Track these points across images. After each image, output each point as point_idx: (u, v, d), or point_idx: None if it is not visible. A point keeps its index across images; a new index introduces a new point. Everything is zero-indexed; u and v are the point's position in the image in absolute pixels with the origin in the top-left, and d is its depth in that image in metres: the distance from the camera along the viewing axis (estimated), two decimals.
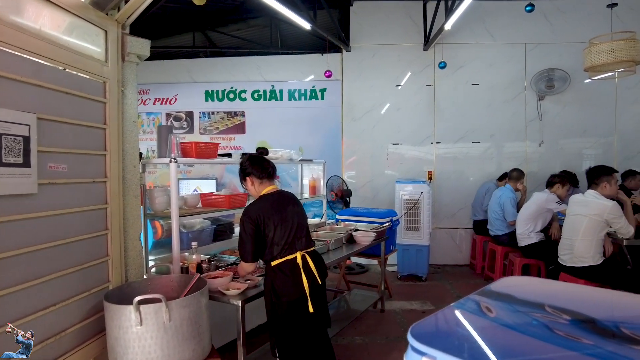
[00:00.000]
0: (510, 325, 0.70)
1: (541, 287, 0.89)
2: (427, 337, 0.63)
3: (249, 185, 2.46)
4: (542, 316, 0.72)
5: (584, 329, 0.67)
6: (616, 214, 3.46)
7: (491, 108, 6.00)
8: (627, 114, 6.02)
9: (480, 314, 0.75)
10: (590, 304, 0.76)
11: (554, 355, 0.57)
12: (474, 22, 5.92)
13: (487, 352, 0.58)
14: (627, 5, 5.76)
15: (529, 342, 0.62)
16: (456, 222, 6.10)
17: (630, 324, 0.67)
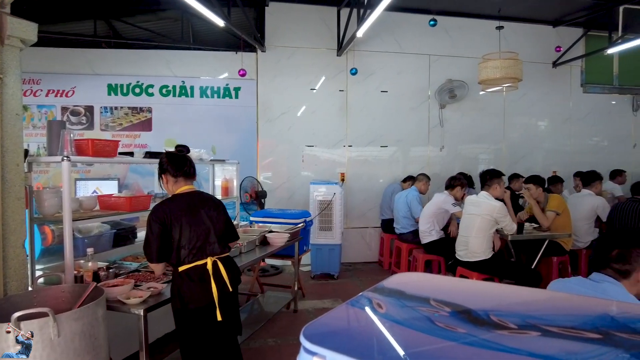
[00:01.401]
0: (398, 320, 0.75)
1: (429, 282, 0.97)
2: (318, 336, 0.64)
3: (164, 183, 2.35)
4: (426, 310, 0.78)
5: (460, 319, 0.74)
6: (503, 213, 3.88)
7: (398, 114, 6.37)
8: (513, 123, 6.79)
9: (371, 310, 0.79)
10: (468, 296, 0.84)
11: (432, 347, 0.62)
12: (384, 32, 6.24)
13: (373, 347, 0.61)
14: (512, 29, 6.51)
15: (412, 335, 0.66)
16: (366, 221, 6.37)
17: (498, 311, 0.75)
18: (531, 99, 6.83)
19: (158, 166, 2.36)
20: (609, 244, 1.66)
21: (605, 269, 1.64)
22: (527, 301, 0.82)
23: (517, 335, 0.65)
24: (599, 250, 1.70)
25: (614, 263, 1.62)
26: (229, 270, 2.30)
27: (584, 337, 0.64)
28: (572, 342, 0.63)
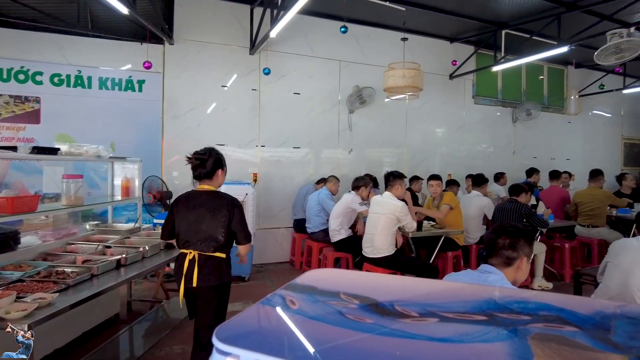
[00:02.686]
0: (310, 315, 0.77)
1: (339, 277, 1.01)
2: (231, 337, 0.63)
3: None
4: (337, 303, 0.82)
5: (369, 311, 0.78)
6: (404, 212, 4.17)
7: (310, 117, 6.50)
8: (414, 129, 7.32)
9: (284, 307, 0.80)
10: (375, 289, 0.90)
11: (343, 339, 0.65)
12: (297, 34, 6.32)
13: (286, 343, 0.62)
14: (416, 41, 7.02)
15: (324, 328, 0.69)
16: (278, 221, 6.38)
17: (402, 302, 0.81)
18: (430, 107, 7.43)
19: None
20: (501, 234, 1.89)
21: (495, 256, 1.88)
22: (426, 292, 0.90)
23: (419, 322, 0.71)
24: (492, 240, 1.93)
25: (505, 250, 1.85)
26: (201, 268, 2.45)
27: (473, 319, 0.72)
28: (464, 325, 0.71)
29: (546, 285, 5.26)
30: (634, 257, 2.89)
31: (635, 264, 2.86)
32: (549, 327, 0.69)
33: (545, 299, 0.95)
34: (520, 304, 0.82)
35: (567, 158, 9.01)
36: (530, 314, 0.77)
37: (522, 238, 1.89)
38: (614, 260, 3.03)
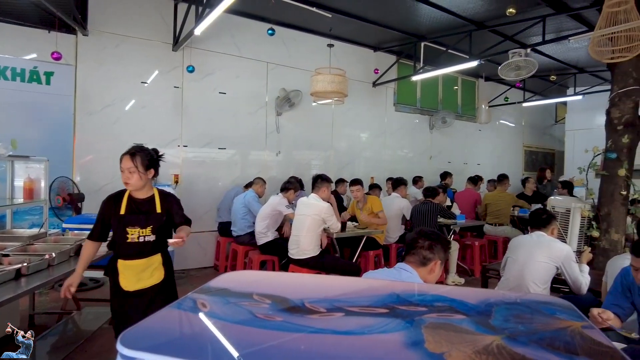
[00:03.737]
0: (220, 317, 0.77)
1: (254, 278, 1.02)
2: (137, 342, 0.62)
3: None
4: (249, 304, 0.83)
5: (279, 309, 0.80)
6: (329, 213, 4.27)
7: (237, 117, 6.40)
8: (340, 134, 7.53)
9: (194, 310, 0.79)
10: (288, 288, 0.92)
11: (250, 336, 0.66)
12: (224, 33, 6.19)
13: (192, 345, 0.62)
14: (341, 48, 7.24)
15: (232, 328, 0.70)
16: (202, 225, 6.18)
17: (312, 299, 0.85)
18: (355, 113, 7.69)
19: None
20: (423, 236, 2.06)
21: (413, 255, 2.03)
22: (336, 288, 0.94)
23: (326, 317, 0.75)
24: (413, 240, 2.08)
25: (423, 250, 2.02)
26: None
27: (376, 312, 0.77)
28: (367, 318, 0.76)
29: (459, 280, 5.69)
30: (528, 251, 3.24)
31: (529, 258, 3.21)
32: (441, 316, 0.77)
33: (441, 292, 1.05)
34: (419, 297, 0.89)
35: (477, 163, 9.83)
36: (427, 305, 0.84)
37: (440, 244, 2.07)
38: (512, 255, 3.37)
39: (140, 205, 2.47)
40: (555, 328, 0.70)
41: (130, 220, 2.42)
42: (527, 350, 0.61)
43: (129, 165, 2.38)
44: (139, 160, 2.40)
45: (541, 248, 3.20)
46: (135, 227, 2.40)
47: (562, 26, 6.08)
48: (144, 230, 2.41)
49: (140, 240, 2.41)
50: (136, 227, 2.40)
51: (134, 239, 2.41)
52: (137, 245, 2.41)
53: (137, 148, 2.47)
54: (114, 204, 2.47)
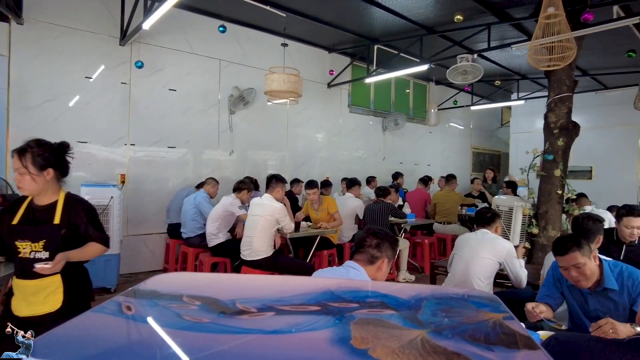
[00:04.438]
0: (144, 320, 0.74)
1: (188, 280, 0.99)
2: (49, 348, 0.57)
3: None
4: (177, 306, 0.80)
5: (207, 310, 0.78)
6: (283, 213, 4.25)
7: (188, 115, 6.22)
8: (295, 134, 7.51)
9: (117, 314, 0.75)
10: (222, 288, 0.90)
11: (172, 339, 0.64)
12: (175, 29, 6.00)
13: (111, 350, 0.58)
14: (296, 48, 7.23)
15: (154, 332, 0.67)
16: (151, 227, 5.95)
17: (244, 299, 0.83)
18: (310, 113, 7.70)
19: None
20: (371, 234, 2.08)
21: (361, 253, 2.05)
22: (272, 288, 0.93)
23: (256, 317, 0.74)
24: (362, 238, 2.10)
25: (370, 249, 2.03)
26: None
27: (307, 310, 0.77)
28: (297, 316, 0.76)
29: (409, 277, 5.84)
30: (473, 248, 3.38)
31: (474, 255, 3.34)
32: (372, 312, 0.78)
33: (374, 288, 1.07)
34: (352, 294, 0.90)
35: (428, 164, 10.16)
36: (360, 301, 0.85)
37: (388, 242, 2.10)
38: (458, 252, 3.50)
39: (38, 214, 2.06)
40: (478, 320, 0.73)
41: (20, 231, 2.02)
42: (449, 343, 0.63)
43: (18, 165, 1.97)
44: (30, 159, 1.97)
45: (485, 245, 3.35)
46: (25, 240, 2.00)
47: (505, 34, 6.41)
48: (35, 245, 1.99)
49: (31, 256, 1.99)
50: (26, 241, 2.00)
51: (26, 255, 2.00)
52: (29, 262, 1.97)
53: (30, 143, 2.02)
54: (9, 212, 2.08)
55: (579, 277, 2.29)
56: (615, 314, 2.22)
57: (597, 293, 2.35)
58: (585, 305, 2.43)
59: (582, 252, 2.32)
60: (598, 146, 9.06)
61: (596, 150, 9.08)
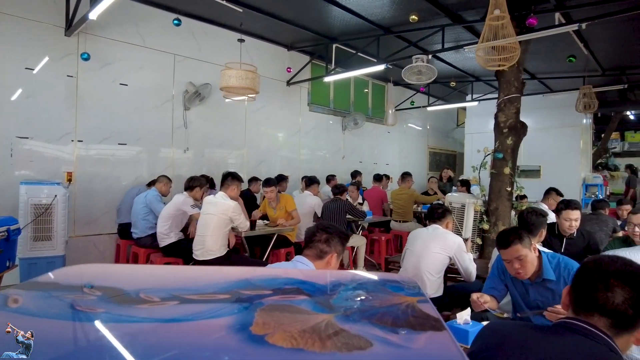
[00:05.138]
0: (30, 312, 0.68)
1: (100, 271, 0.93)
2: None
3: None
4: (74, 296, 0.74)
5: (106, 301, 0.73)
6: (237, 211, 4.17)
7: (140, 111, 5.98)
8: (253, 131, 7.40)
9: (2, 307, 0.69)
10: (132, 278, 0.85)
11: (56, 330, 0.59)
12: (126, 21, 5.76)
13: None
14: (253, 44, 7.13)
15: (40, 323, 0.61)
16: (100, 227, 5.68)
17: (150, 290, 0.78)
18: (269, 111, 7.62)
19: None
20: (320, 229, 2.09)
21: (311, 248, 2.05)
22: (189, 277, 0.89)
23: (155, 306, 0.69)
24: (312, 233, 2.10)
25: (320, 244, 2.04)
26: None
27: (215, 299, 0.74)
28: (201, 305, 0.72)
29: None
30: (424, 243, 3.45)
31: (425, 249, 3.41)
32: (284, 298, 0.75)
33: (295, 275, 1.05)
34: (270, 281, 0.87)
35: (386, 163, 10.32)
36: (276, 288, 0.83)
37: (338, 237, 2.10)
38: (410, 247, 3.55)
39: None
40: (391, 304, 0.72)
41: None
42: (354, 327, 0.61)
43: None
44: None
45: (436, 240, 3.42)
46: None
47: (460, 37, 6.60)
48: None
49: None
50: None
51: None
52: None
53: None
54: None
55: (521, 269, 2.38)
56: (553, 303, 2.32)
57: (537, 284, 2.44)
58: (526, 296, 2.53)
59: (523, 245, 2.41)
60: (546, 146, 9.54)
61: (544, 151, 9.56)
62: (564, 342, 1.10)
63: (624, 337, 1.12)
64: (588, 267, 1.20)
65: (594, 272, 1.16)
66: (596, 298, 1.12)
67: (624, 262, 1.16)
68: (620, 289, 1.09)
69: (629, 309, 1.08)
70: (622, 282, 1.10)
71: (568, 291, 1.23)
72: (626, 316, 1.09)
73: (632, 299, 1.08)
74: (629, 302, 1.09)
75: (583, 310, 1.15)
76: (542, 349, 1.10)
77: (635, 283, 1.10)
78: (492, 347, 1.17)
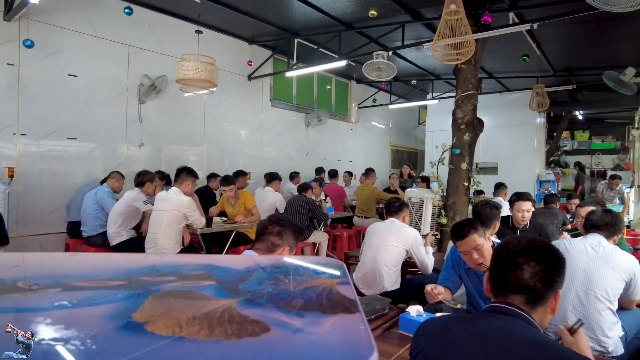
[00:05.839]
0: None
1: None
2: None
3: None
4: None
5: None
6: (191, 208, 4.02)
7: (91, 104, 5.68)
8: (213, 127, 7.20)
9: None
10: (20, 268, 0.76)
11: None
12: (74, 8, 5.44)
13: None
14: (213, 37, 6.93)
15: None
16: (47, 226, 5.34)
17: (37, 276, 0.70)
18: (229, 106, 7.44)
19: None
20: (273, 222, 2.02)
21: (262, 241, 1.98)
22: (89, 264, 0.80)
23: (30, 295, 0.61)
24: (263, 226, 2.03)
25: (271, 237, 1.97)
26: None
27: (106, 285, 0.66)
28: (87, 292, 0.64)
29: None
30: (381, 237, 3.44)
31: (382, 243, 3.41)
32: (187, 284, 0.68)
33: (210, 261, 0.97)
34: (179, 267, 0.80)
35: (350, 160, 10.35)
36: (182, 274, 0.76)
37: (291, 230, 2.03)
38: (368, 241, 3.54)
39: None
40: (306, 287, 0.66)
41: None
42: (255, 311, 0.56)
43: None
44: None
45: (393, 233, 3.43)
46: None
47: (420, 34, 6.68)
48: None
49: None
50: None
51: None
52: None
53: None
54: None
55: (480, 259, 2.39)
56: None
57: None
58: (480, 287, 2.55)
59: (479, 234, 2.43)
60: (502, 144, 9.85)
61: (501, 148, 9.87)
62: (487, 322, 1.16)
63: (540, 311, 1.19)
64: (498, 251, 1.26)
65: (503, 255, 1.22)
66: (507, 278, 1.18)
67: (528, 240, 1.24)
68: (527, 265, 1.17)
69: (538, 283, 1.16)
70: (528, 258, 1.17)
71: (487, 277, 1.29)
72: (537, 290, 1.16)
73: (539, 273, 1.16)
74: (538, 276, 1.16)
75: (500, 292, 1.21)
76: (463, 329, 1.18)
77: (539, 256, 1.17)
78: (430, 337, 1.24)
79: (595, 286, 2.36)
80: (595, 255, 2.45)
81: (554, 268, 1.19)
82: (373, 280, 3.38)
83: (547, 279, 1.17)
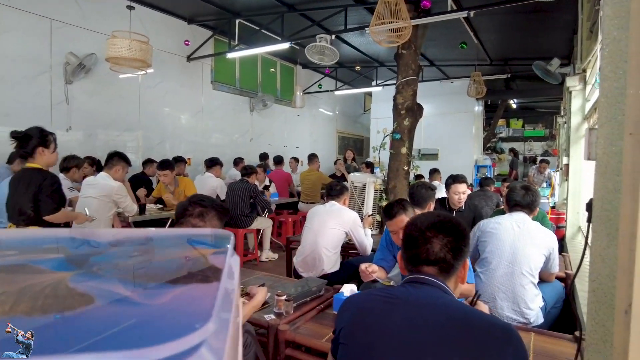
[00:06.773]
0: None
1: None
2: None
3: None
4: None
5: None
6: (122, 193, 3.78)
7: (6, 83, 5.15)
8: (149, 110, 6.81)
9: None
10: None
11: None
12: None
13: None
14: (148, 14, 6.51)
15: None
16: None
17: None
18: (166, 88, 7.07)
19: None
20: (194, 203, 1.87)
21: (183, 224, 1.83)
22: None
23: None
24: (184, 207, 1.88)
25: (192, 218, 1.83)
26: None
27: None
28: None
29: (272, 256, 5.81)
30: (322, 219, 3.43)
31: (322, 225, 3.39)
32: (23, 258, 0.59)
33: (77, 234, 0.89)
34: (31, 241, 0.70)
35: (297, 146, 10.28)
36: (29, 247, 0.66)
37: (215, 211, 1.89)
38: (308, 224, 3.51)
39: None
40: (172, 258, 0.61)
41: None
42: (89, 284, 0.49)
43: None
44: None
45: (332, 216, 3.42)
46: None
47: (363, 19, 6.66)
48: None
49: None
50: None
51: None
52: None
53: None
54: None
55: None
56: None
57: None
58: None
59: (407, 215, 2.47)
60: (443, 131, 10.20)
61: (441, 135, 10.21)
62: (406, 291, 1.21)
63: (452, 280, 1.26)
64: (408, 229, 1.31)
65: (412, 232, 1.28)
66: (419, 253, 1.24)
67: (434, 215, 1.30)
68: (435, 238, 1.23)
69: (448, 254, 1.22)
70: (436, 232, 1.23)
71: (400, 255, 1.34)
72: (447, 261, 1.22)
73: (447, 244, 1.23)
74: (447, 247, 1.23)
75: (414, 266, 1.27)
76: (383, 300, 1.22)
77: (446, 229, 1.24)
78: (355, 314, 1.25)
79: (521, 263, 2.50)
80: (520, 232, 2.58)
81: (460, 239, 1.25)
82: (313, 263, 3.37)
83: (456, 250, 1.24)
